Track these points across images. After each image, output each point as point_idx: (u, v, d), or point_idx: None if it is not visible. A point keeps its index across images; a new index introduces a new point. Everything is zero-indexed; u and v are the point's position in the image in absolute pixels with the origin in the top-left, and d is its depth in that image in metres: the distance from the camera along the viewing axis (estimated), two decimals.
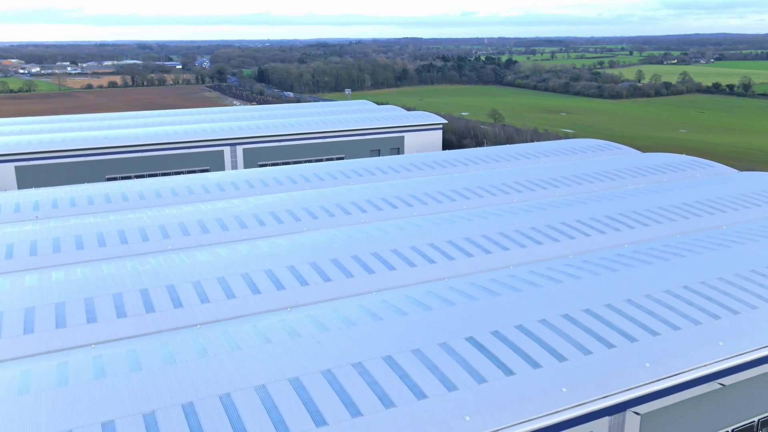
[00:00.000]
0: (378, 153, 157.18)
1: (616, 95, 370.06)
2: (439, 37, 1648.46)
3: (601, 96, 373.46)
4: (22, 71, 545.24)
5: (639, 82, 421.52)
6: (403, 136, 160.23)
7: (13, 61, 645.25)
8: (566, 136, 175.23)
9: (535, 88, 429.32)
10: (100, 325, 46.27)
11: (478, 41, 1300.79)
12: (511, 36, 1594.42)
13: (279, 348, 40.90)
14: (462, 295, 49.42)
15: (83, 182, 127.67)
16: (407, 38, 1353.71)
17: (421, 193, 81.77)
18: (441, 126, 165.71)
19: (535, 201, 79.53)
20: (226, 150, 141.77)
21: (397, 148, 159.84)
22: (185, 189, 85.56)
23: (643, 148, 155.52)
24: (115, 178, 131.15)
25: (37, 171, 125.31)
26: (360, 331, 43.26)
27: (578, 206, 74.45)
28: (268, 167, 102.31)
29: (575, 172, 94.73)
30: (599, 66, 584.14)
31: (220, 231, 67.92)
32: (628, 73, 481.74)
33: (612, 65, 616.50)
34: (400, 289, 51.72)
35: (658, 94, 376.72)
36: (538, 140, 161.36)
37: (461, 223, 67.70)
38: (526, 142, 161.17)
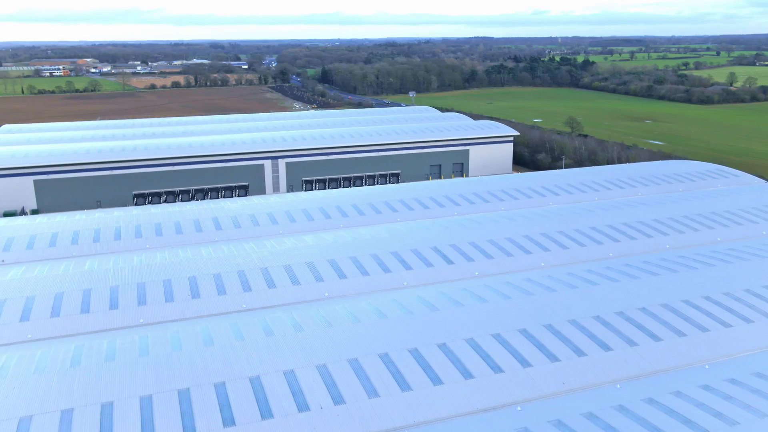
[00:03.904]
0: (438, 169, 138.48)
1: (706, 100, 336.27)
2: (510, 36, 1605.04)
3: (689, 101, 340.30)
4: (93, 70, 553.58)
5: (731, 85, 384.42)
6: (467, 150, 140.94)
7: (88, 60, 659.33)
8: (659, 151, 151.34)
9: (614, 91, 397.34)
10: None
11: (552, 41, 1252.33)
12: (586, 35, 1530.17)
13: None
14: None
15: (108, 198, 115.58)
16: (477, 38, 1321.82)
17: (485, 241, 62.91)
18: (512, 138, 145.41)
19: (639, 256, 59.46)
20: (267, 164, 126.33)
21: (461, 164, 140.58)
22: (191, 224, 69.52)
23: (755, 169, 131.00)
24: (143, 194, 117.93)
25: (57, 185, 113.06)
26: None
27: (703, 270, 53.97)
28: (300, 193, 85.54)
29: (686, 211, 73.51)
30: (684, 67, 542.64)
31: (215, 295, 51.32)
32: (718, 76, 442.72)
33: (698, 66, 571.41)
34: (451, 425, 33.55)
35: (754, 99, 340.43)
36: (626, 157, 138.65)
37: (540, 295, 48.66)
38: (612, 159, 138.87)
